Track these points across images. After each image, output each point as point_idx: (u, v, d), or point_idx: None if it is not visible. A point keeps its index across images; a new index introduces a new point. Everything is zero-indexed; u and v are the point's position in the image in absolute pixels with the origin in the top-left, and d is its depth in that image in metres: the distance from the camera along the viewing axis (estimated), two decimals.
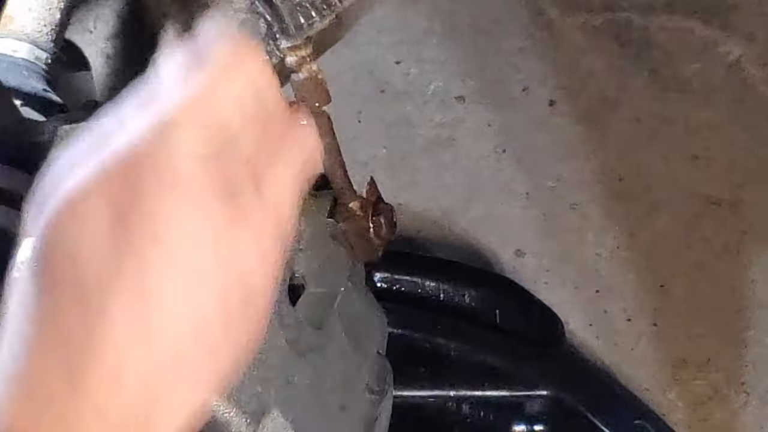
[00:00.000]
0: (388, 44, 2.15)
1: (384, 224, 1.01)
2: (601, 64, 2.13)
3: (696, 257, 1.96)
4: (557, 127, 2.08)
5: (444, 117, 2.11)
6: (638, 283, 1.95)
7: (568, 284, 1.95)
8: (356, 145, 2.00)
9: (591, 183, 2.03)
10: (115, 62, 1.18)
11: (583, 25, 2.15)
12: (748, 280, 1.94)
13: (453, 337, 1.68)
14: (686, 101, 2.09)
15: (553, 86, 2.12)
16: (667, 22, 2.15)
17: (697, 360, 1.88)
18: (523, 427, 1.67)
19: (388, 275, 1.72)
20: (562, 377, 1.66)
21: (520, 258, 1.98)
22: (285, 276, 0.93)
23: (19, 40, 1.04)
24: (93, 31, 1.17)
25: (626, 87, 2.11)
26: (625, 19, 2.16)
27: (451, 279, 1.74)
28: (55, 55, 1.06)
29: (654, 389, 1.85)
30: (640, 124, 2.08)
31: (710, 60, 2.12)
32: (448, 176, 2.05)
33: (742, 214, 1.99)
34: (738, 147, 2.05)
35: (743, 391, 1.86)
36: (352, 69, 2.11)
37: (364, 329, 1.06)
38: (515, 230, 2.00)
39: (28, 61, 1.04)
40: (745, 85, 2.10)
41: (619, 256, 1.97)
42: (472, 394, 1.66)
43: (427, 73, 2.14)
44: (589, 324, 1.92)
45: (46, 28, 1.06)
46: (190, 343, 0.54)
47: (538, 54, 2.14)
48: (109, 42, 1.17)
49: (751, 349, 1.89)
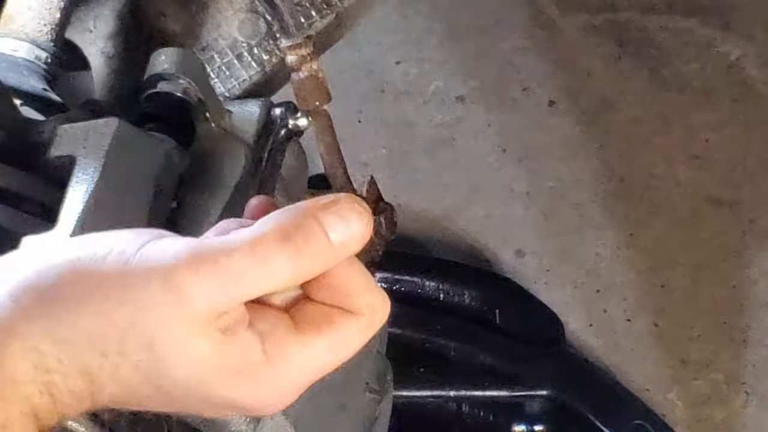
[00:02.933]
0: (388, 44, 2.16)
1: (384, 223, 1.01)
2: (601, 64, 2.13)
3: (696, 257, 1.96)
4: (557, 127, 2.09)
5: (444, 117, 2.11)
6: (638, 283, 1.95)
7: (568, 284, 1.95)
8: (356, 145, 2.00)
9: (591, 183, 2.03)
10: (115, 62, 1.17)
11: (583, 25, 2.16)
12: (749, 280, 1.94)
13: (453, 337, 1.68)
14: (686, 101, 2.09)
15: (553, 86, 2.12)
16: (667, 22, 2.15)
17: (697, 360, 1.88)
18: (523, 427, 1.67)
19: (388, 275, 1.72)
20: (562, 377, 1.66)
21: (520, 258, 1.98)
22: None
23: (19, 39, 1.04)
24: (93, 31, 1.17)
25: (626, 87, 2.11)
26: (625, 19, 2.16)
27: (451, 279, 1.74)
28: (55, 54, 1.06)
29: (654, 389, 1.85)
30: (640, 124, 2.08)
31: (710, 60, 2.12)
32: (448, 176, 2.05)
33: (742, 214, 1.99)
34: (738, 147, 2.05)
35: (743, 391, 1.86)
36: (352, 69, 2.11)
37: None
38: (515, 230, 2.00)
39: (28, 60, 1.04)
40: (745, 85, 2.10)
41: (619, 256, 1.97)
42: (472, 394, 1.66)
43: (427, 73, 2.14)
44: (589, 324, 1.91)
45: (46, 27, 1.06)
46: None
47: (538, 54, 2.14)
48: (109, 42, 1.17)
49: (751, 349, 1.89)
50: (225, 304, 0.59)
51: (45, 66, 1.05)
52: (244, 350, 0.61)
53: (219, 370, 0.60)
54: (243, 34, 1.14)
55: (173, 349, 0.59)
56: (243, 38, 1.14)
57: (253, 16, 1.13)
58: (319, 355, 0.62)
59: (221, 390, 0.61)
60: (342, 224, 0.60)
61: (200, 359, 0.60)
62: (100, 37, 1.18)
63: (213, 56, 1.15)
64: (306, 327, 0.62)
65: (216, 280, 0.59)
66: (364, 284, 0.63)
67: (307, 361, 0.62)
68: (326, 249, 0.60)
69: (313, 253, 0.60)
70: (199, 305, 0.59)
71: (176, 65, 0.97)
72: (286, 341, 0.61)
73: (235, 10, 1.15)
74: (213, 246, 0.60)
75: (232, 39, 1.15)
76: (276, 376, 0.61)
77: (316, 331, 0.62)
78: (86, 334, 0.59)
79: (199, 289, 0.59)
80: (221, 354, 0.60)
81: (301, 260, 0.59)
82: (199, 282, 0.59)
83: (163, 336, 0.59)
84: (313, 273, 0.61)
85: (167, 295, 0.59)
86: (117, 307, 0.59)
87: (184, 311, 0.59)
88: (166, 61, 0.98)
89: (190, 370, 0.60)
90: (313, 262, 0.60)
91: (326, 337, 0.62)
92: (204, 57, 1.14)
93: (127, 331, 0.59)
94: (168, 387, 0.61)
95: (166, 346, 0.59)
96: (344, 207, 0.61)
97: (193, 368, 0.60)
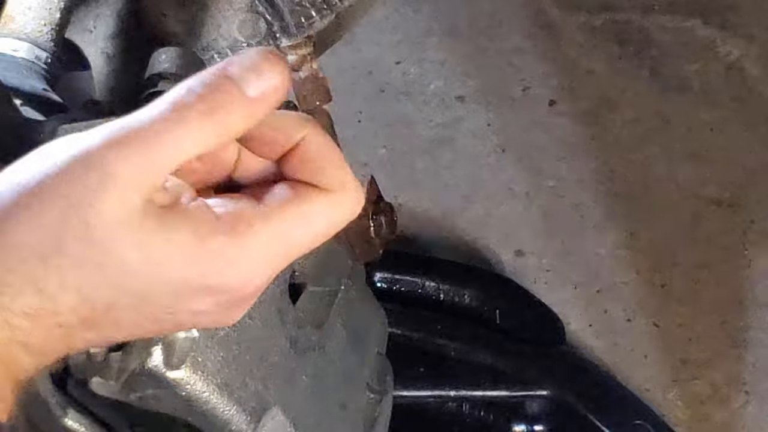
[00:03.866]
0: (388, 44, 2.16)
1: (384, 223, 1.01)
2: (601, 64, 2.13)
3: (696, 257, 1.96)
4: (557, 127, 2.09)
5: (444, 117, 2.11)
6: (638, 283, 1.95)
7: (568, 284, 1.95)
8: (356, 145, 2.00)
9: (591, 183, 2.03)
10: (115, 62, 1.17)
11: (583, 25, 2.16)
12: (749, 280, 1.94)
13: (453, 337, 1.68)
14: (686, 101, 2.09)
15: (553, 86, 2.12)
16: (667, 22, 2.16)
17: (697, 360, 1.88)
18: (523, 427, 1.67)
19: (388, 275, 1.72)
20: (562, 377, 1.66)
21: (520, 258, 1.98)
22: (286, 275, 0.93)
23: (19, 39, 1.04)
24: (93, 31, 1.17)
25: (626, 87, 2.11)
26: (625, 19, 2.16)
27: (451, 279, 1.74)
28: (55, 54, 1.06)
29: (654, 389, 1.85)
30: (640, 124, 2.08)
31: (710, 60, 2.13)
32: (448, 176, 2.05)
33: (742, 214, 1.99)
34: (738, 147, 2.05)
35: (743, 391, 1.86)
36: (352, 69, 2.11)
37: (365, 328, 1.06)
38: (515, 230, 2.00)
39: (28, 60, 1.04)
40: (745, 85, 2.10)
41: (620, 256, 1.97)
42: (472, 394, 1.66)
43: (427, 73, 2.14)
44: (589, 324, 1.91)
45: (46, 27, 1.06)
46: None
47: (538, 54, 2.14)
48: (109, 42, 1.17)
49: (751, 349, 1.89)
50: (152, 172, 0.58)
51: (45, 66, 1.05)
52: (192, 222, 0.59)
53: (169, 245, 0.58)
54: (243, 34, 1.14)
55: (112, 232, 0.58)
56: (243, 38, 1.14)
57: (253, 16, 1.13)
58: (285, 228, 0.61)
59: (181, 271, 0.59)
60: (254, 75, 0.60)
61: (145, 237, 0.58)
62: (100, 37, 1.18)
63: (213, 56, 1.15)
64: (271, 201, 0.62)
65: (136, 149, 0.58)
66: (336, 161, 0.63)
67: (272, 234, 0.61)
68: (242, 103, 0.59)
69: (229, 108, 0.59)
70: (125, 178, 0.57)
71: (176, 65, 0.98)
72: (248, 213, 0.61)
73: (235, 10, 1.15)
74: (127, 120, 0.59)
75: (232, 39, 1.15)
76: (241, 251, 0.60)
77: (280, 204, 0.62)
78: (21, 245, 0.57)
79: (121, 163, 0.57)
80: (167, 228, 0.59)
81: (217, 116, 0.59)
82: (119, 156, 0.58)
83: (98, 220, 0.57)
84: (234, 130, 0.60)
85: (91, 176, 0.57)
86: (44, 205, 0.58)
87: (112, 189, 0.57)
88: (166, 61, 0.98)
89: (140, 253, 0.58)
90: (231, 118, 0.59)
91: (292, 208, 0.62)
92: (204, 57, 1.14)
93: (59, 225, 0.57)
94: (125, 283, 0.59)
95: (104, 231, 0.57)
96: (255, 60, 0.60)
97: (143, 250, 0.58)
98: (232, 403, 0.82)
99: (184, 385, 0.80)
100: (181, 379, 0.80)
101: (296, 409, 0.89)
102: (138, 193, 0.58)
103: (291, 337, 0.91)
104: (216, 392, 0.81)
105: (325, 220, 0.63)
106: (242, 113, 0.60)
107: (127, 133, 0.58)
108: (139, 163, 0.58)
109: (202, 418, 0.82)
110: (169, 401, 0.81)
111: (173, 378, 0.79)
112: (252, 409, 0.84)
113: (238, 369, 0.83)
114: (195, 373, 0.80)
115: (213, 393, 0.81)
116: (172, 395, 0.80)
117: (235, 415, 0.83)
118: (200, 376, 0.80)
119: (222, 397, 0.82)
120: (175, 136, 0.58)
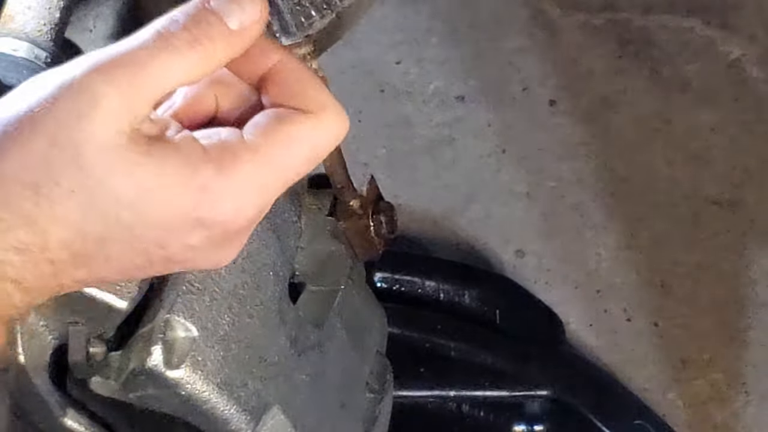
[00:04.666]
0: (388, 44, 2.16)
1: (384, 223, 1.01)
2: (601, 64, 2.13)
3: (696, 257, 1.96)
4: (557, 127, 2.09)
5: (444, 117, 2.11)
6: (638, 283, 1.95)
7: (568, 284, 1.95)
8: (356, 145, 2.00)
9: (591, 183, 2.03)
10: None
11: (583, 25, 2.16)
12: (749, 280, 1.94)
13: (453, 337, 1.68)
14: (686, 101, 2.09)
15: (553, 86, 2.12)
16: (667, 22, 2.15)
17: (697, 360, 1.88)
18: (523, 427, 1.67)
19: (388, 275, 1.72)
20: (562, 377, 1.66)
21: (520, 258, 1.98)
22: (285, 274, 0.93)
23: (18, 39, 1.04)
24: (93, 31, 1.17)
25: (626, 87, 2.11)
26: (625, 19, 2.16)
27: (451, 279, 1.74)
28: (55, 54, 1.06)
29: (654, 389, 1.85)
30: (640, 124, 2.08)
31: (710, 60, 2.12)
32: (448, 176, 2.05)
33: (742, 214, 1.99)
34: (738, 147, 2.05)
35: (743, 391, 1.86)
36: (352, 69, 2.11)
37: (364, 328, 1.06)
38: (515, 230, 2.00)
39: (28, 60, 1.04)
40: (745, 85, 2.10)
41: (620, 256, 1.97)
42: (472, 394, 1.66)
43: (427, 73, 2.14)
44: (589, 324, 1.91)
45: (45, 27, 1.06)
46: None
47: (538, 54, 2.14)
48: (109, 42, 1.17)
49: (751, 349, 1.89)
50: (139, 97, 0.59)
51: (45, 66, 1.05)
52: (180, 153, 0.60)
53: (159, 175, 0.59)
54: None
55: (102, 157, 0.58)
56: None
57: None
58: (272, 154, 0.62)
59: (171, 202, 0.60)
60: (236, 7, 0.62)
61: (134, 166, 0.59)
62: (100, 37, 1.18)
63: None
64: (254, 130, 0.63)
65: (123, 73, 0.59)
66: (315, 84, 0.65)
67: (260, 163, 0.62)
68: (225, 34, 0.62)
69: (212, 38, 0.61)
70: (114, 101, 0.58)
71: None
72: (234, 144, 0.62)
73: None
74: (113, 47, 0.60)
75: None
76: (229, 183, 0.61)
77: (264, 131, 0.63)
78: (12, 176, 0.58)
79: (109, 86, 0.59)
80: (156, 158, 0.59)
81: (201, 46, 0.61)
82: (107, 79, 0.59)
83: (88, 143, 0.58)
84: (219, 59, 0.62)
85: (80, 98, 0.58)
86: (34, 130, 0.58)
87: (101, 110, 0.58)
88: None
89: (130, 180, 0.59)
90: (214, 48, 0.61)
91: (275, 133, 0.63)
92: None
93: (49, 150, 0.58)
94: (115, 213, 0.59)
95: (94, 156, 0.58)
96: None
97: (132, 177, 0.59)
98: (232, 402, 0.82)
99: (184, 384, 0.80)
100: (180, 378, 0.80)
101: (296, 409, 0.89)
102: (126, 117, 0.59)
103: (291, 337, 0.91)
104: (216, 392, 0.81)
105: (310, 142, 0.64)
106: (224, 44, 0.62)
107: (114, 59, 0.60)
108: (126, 88, 0.59)
109: (202, 418, 0.82)
110: (169, 401, 0.81)
111: (173, 377, 0.80)
112: (252, 408, 0.84)
113: (238, 368, 0.83)
114: (195, 372, 0.80)
115: (213, 392, 0.81)
116: (171, 395, 0.80)
117: (235, 415, 0.83)
118: (200, 375, 0.80)
119: (222, 396, 0.82)
120: (161, 63, 0.60)
